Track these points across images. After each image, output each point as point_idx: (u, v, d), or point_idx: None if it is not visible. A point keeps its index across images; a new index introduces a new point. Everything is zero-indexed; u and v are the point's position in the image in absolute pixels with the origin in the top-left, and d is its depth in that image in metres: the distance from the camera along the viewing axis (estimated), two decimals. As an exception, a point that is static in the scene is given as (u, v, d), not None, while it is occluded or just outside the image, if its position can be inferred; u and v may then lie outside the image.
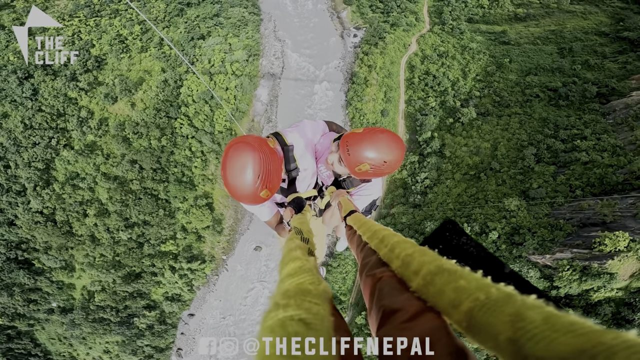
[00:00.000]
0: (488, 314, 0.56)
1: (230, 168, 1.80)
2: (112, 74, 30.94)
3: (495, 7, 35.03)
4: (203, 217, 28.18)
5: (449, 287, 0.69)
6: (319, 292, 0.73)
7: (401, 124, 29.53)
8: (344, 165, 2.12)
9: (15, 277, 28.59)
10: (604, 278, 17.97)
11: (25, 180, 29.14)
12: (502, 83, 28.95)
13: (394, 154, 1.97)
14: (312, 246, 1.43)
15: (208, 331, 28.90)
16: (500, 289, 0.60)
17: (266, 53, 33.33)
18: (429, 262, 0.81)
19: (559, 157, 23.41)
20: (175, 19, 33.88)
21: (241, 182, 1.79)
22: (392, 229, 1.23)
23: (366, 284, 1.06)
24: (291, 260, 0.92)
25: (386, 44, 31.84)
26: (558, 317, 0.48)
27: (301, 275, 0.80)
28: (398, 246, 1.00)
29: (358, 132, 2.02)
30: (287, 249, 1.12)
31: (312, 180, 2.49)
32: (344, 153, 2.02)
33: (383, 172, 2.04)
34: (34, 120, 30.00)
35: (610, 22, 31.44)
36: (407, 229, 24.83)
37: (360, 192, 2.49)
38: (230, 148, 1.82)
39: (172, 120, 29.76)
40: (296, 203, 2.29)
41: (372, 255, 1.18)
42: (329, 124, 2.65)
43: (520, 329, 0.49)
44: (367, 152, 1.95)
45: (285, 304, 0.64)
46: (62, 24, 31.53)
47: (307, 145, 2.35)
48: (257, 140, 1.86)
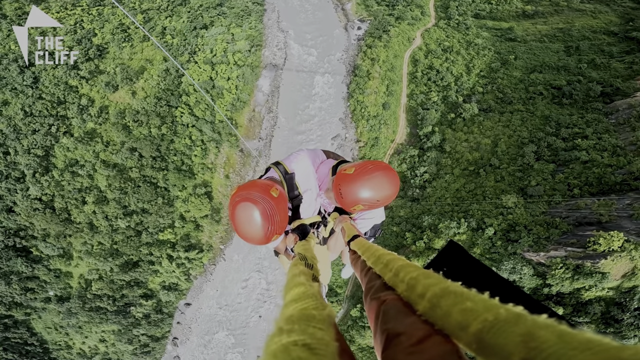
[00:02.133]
0: (498, 335, 0.56)
1: (240, 224, 1.93)
2: (114, 63, 31.99)
3: (504, 3, 35.74)
4: (202, 206, 29.29)
5: (456, 309, 0.70)
6: (323, 317, 0.75)
7: (402, 118, 30.45)
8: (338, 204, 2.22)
9: (13, 265, 29.58)
10: (596, 277, 18.81)
11: (24, 167, 30.09)
12: (505, 80, 29.75)
13: (386, 192, 2.02)
14: (317, 272, 1.49)
15: (204, 320, 30.11)
16: (509, 310, 0.61)
17: (269, 44, 34.24)
18: (434, 285, 0.83)
19: (559, 155, 24.22)
20: (178, 8, 34.85)
21: (252, 235, 1.94)
22: (392, 224, 1.84)
23: (371, 307, 1.08)
24: (295, 285, 0.96)
25: (390, 37, 32.64)
26: (573, 335, 0.48)
27: (305, 301, 0.84)
28: (402, 270, 1.03)
29: (349, 173, 2.07)
30: (291, 274, 1.18)
31: (315, 205, 2.58)
32: (337, 196, 2.11)
33: (378, 207, 2.11)
34: (34, 108, 31.04)
35: (619, 21, 32.10)
36: (405, 223, 25.81)
37: (363, 216, 2.58)
38: (237, 205, 1.92)
39: (173, 109, 30.79)
40: (300, 230, 2.38)
41: (376, 280, 1.21)
42: (326, 152, 2.76)
43: (534, 348, 0.49)
44: (359, 195, 2.01)
45: (289, 329, 0.66)
46: (64, 13, 32.61)
47: (308, 171, 2.46)
48: (260, 194, 1.93)
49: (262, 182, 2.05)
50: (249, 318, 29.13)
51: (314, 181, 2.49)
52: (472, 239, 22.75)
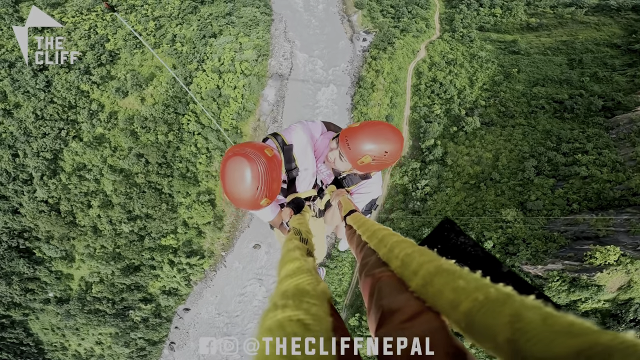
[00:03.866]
0: (487, 315, 0.59)
1: (229, 180, 1.95)
2: (125, 69, 33.84)
3: (508, 16, 37.18)
4: (204, 213, 30.60)
5: (448, 287, 0.72)
6: (318, 292, 0.78)
7: (405, 130, 31.71)
8: (345, 161, 2.27)
9: (15, 266, 30.65)
10: (592, 290, 19.65)
11: (32, 169, 31.47)
12: (508, 93, 30.94)
13: (393, 143, 2.12)
14: (311, 247, 1.52)
15: (202, 326, 31.08)
16: (499, 290, 0.63)
17: (275, 53, 35.93)
18: (428, 262, 0.85)
19: (559, 170, 25.18)
20: (188, 16, 36.82)
21: (240, 193, 1.95)
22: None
23: (365, 283, 1.11)
24: (290, 260, 0.98)
25: (395, 49, 34.13)
26: (557, 318, 0.50)
27: (300, 276, 0.86)
28: (397, 246, 1.06)
29: (356, 126, 2.17)
30: (285, 249, 1.21)
31: (312, 180, 2.60)
32: (344, 148, 2.16)
33: (385, 162, 2.18)
34: (45, 112, 32.68)
35: (623, 33, 33.22)
36: (405, 235, 26.64)
37: (360, 190, 2.65)
38: (228, 160, 1.95)
39: (180, 116, 32.40)
40: (295, 204, 2.43)
41: (371, 255, 1.24)
42: (327, 124, 2.81)
43: (519, 329, 0.51)
44: (367, 144, 2.09)
45: (283, 305, 0.69)
46: (79, 18, 34.72)
47: (306, 144, 2.48)
48: (254, 150, 1.98)
49: (257, 142, 2.15)
50: (247, 325, 30.07)
51: (311, 155, 2.52)
52: (471, 251, 23.65)
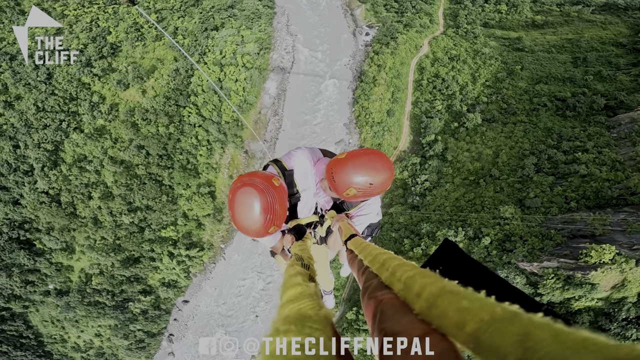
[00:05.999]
0: (494, 335, 0.58)
1: (238, 210, 2.03)
2: (126, 61, 34.95)
3: (513, 12, 37.88)
4: (204, 205, 31.75)
5: (452, 308, 0.73)
6: (320, 317, 0.81)
7: (406, 125, 32.66)
8: (333, 192, 2.35)
9: (16, 258, 31.62)
10: (586, 288, 20.51)
11: (33, 160, 32.59)
12: (511, 90, 31.76)
13: (379, 175, 2.13)
14: (313, 272, 1.62)
15: (201, 318, 32.32)
16: (505, 308, 0.63)
17: (277, 47, 36.84)
18: (431, 284, 0.86)
19: (559, 168, 26.04)
20: (190, 9, 37.84)
21: (250, 224, 2.04)
22: (390, 224, 2.81)
23: (368, 306, 1.12)
24: (291, 286, 1.02)
25: (398, 44, 34.97)
26: (568, 334, 0.49)
27: (302, 301, 0.89)
28: (399, 269, 1.08)
29: (341, 157, 2.21)
30: (287, 275, 1.27)
31: (312, 204, 2.69)
32: (330, 180, 2.24)
33: (372, 193, 2.22)
34: (46, 103, 33.77)
35: (629, 33, 33.86)
36: (404, 229, 27.84)
37: (360, 212, 2.73)
38: (238, 190, 2.03)
39: (181, 108, 33.50)
40: (297, 230, 2.52)
41: (373, 279, 1.27)
42: (323, 151, 2.90)
43: (530, 348, 0.51)
44: (350, 177, 2.13)
45: (285, 330, 0.71)
46: (81, 11, 35.84)
47: (307, 168, 2.57)
48: (262, 180, 2.05)
49: (264, 172, 2.23)
50: (246, 317, 31.26)
51: (312, 179, 2.59)
52: (468, 247, 24.63)
